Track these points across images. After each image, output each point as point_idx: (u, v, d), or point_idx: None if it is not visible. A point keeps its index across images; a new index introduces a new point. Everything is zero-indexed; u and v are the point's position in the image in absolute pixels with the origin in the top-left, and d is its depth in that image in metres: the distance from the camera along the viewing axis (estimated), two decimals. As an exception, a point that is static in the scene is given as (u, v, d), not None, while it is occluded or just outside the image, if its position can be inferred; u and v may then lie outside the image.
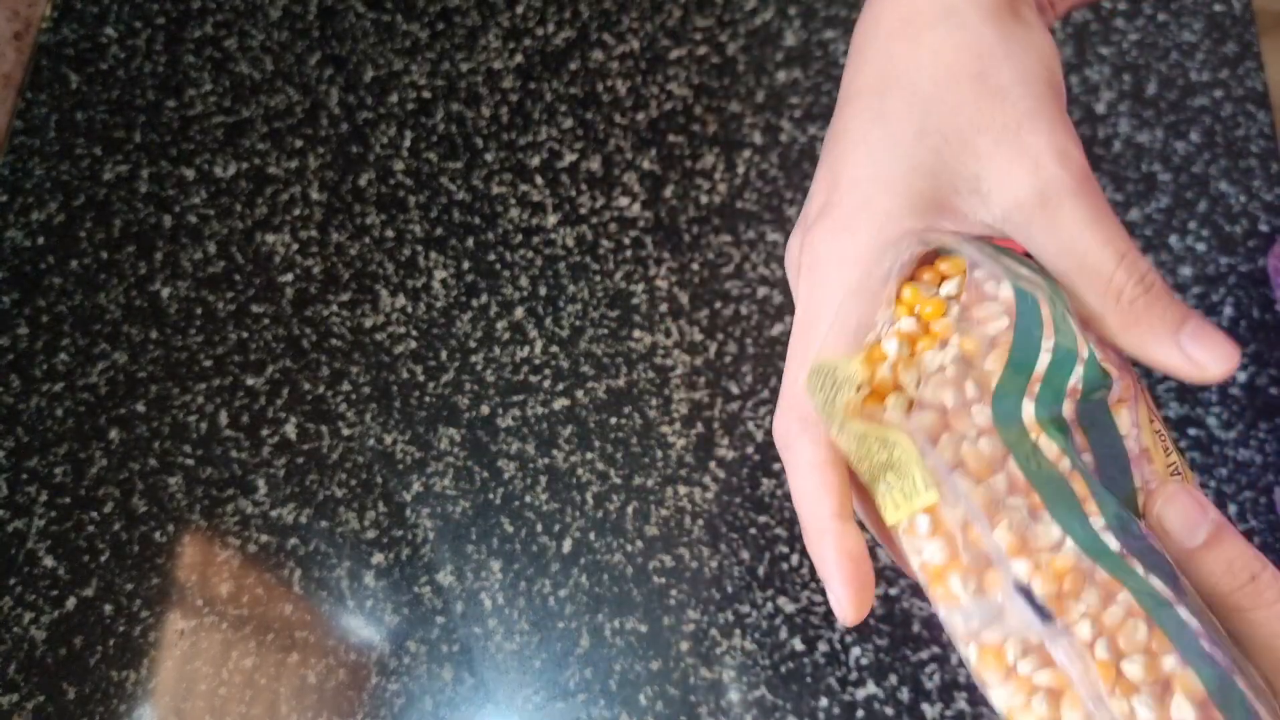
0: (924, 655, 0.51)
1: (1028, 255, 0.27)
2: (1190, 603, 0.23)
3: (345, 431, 0.56)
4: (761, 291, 0.58)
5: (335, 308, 0.59)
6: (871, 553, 0.40)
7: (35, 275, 0.60)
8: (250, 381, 0.57)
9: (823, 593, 0.52)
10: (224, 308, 0.59)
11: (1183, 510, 0.24)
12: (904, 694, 0.50)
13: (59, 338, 0.58)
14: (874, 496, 0.26)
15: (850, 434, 0.26)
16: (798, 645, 0.51)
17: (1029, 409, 0.25)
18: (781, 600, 0.52)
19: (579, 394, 0.56)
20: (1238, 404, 0.55)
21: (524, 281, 0.59)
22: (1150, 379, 0.55)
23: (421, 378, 0.57)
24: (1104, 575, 0.23)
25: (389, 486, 0.55)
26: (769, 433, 0.55)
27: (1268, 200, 0.59)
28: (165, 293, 0.59)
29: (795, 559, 0.53)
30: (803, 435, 0.27)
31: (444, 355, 0.57)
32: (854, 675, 0.51)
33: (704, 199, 0.60)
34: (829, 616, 0.52)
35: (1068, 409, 0.25)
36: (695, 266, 0.58)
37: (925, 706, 0.50)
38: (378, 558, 0.53)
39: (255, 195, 0.61)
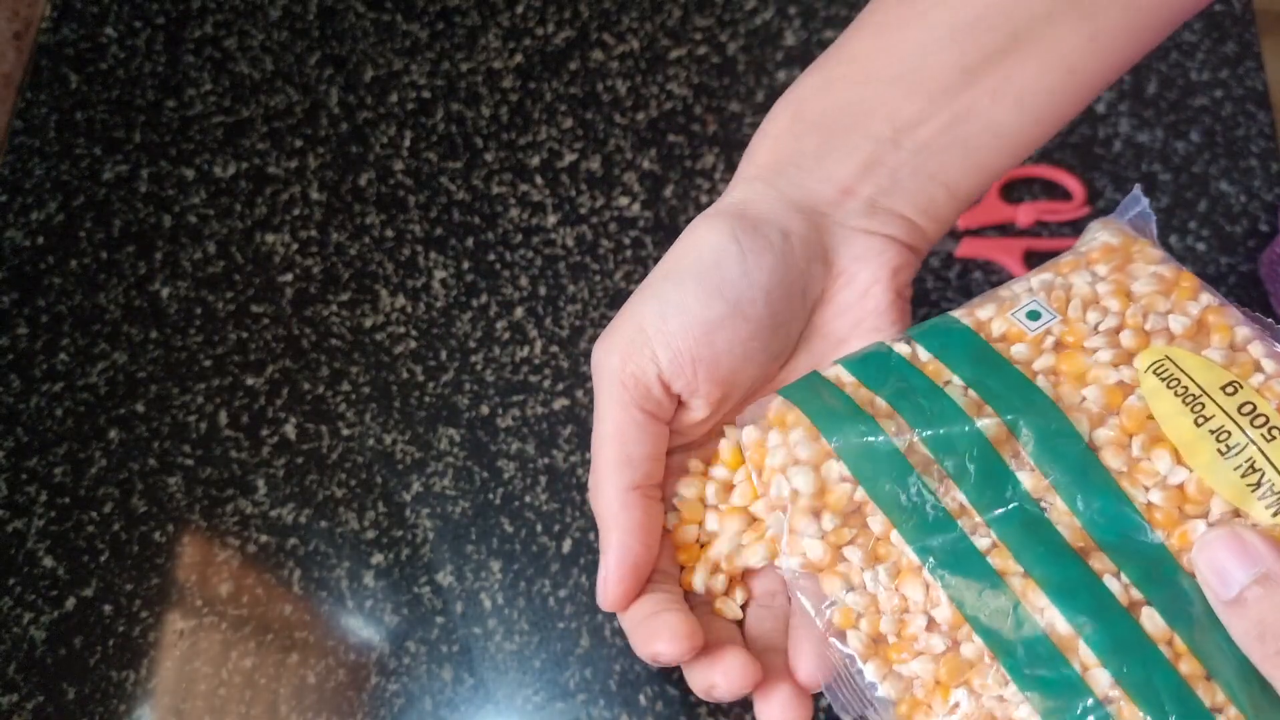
0: (924, 655, 0.50)
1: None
2: None
3: (345, 431, 0.56)
4: (761, 291, 0.57)
5: (335, 308, 0.59)
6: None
7: (35, 275, 0.60)
8: (250, 381, 0.57)
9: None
10: (224, 308, 0.59)
11: (1216, 558, 0.23)
12: (904, 694, 0.50)
13: (59, 338, 0.58)
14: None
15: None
16: (798, 645, 0.51)
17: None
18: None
19: (579, 394, 0.56)
20: (1238, 404, 0.54)
21: (524, 281, 0.59)
22: None
23: (421, 378, 0.57)
24: None
25: (389, 486, 0.55)
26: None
27: (1268, 200, 0.59)
28: (165, 293, 0.59)
29: (795, 559, 0.53)
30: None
31: (444, 355, 0.57)
32: (854, 675, 0.50)
33: (704, 199, 0.60)
34: (829, 616, 0.52)
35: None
36: (695, 266, 0.58)
37: (925, 706, 0.50)
38: (377, 558, 0.53)
39: (255, 195, 0.61)
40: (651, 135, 0.62)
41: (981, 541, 0.25)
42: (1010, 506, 0.25)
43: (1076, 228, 0.58)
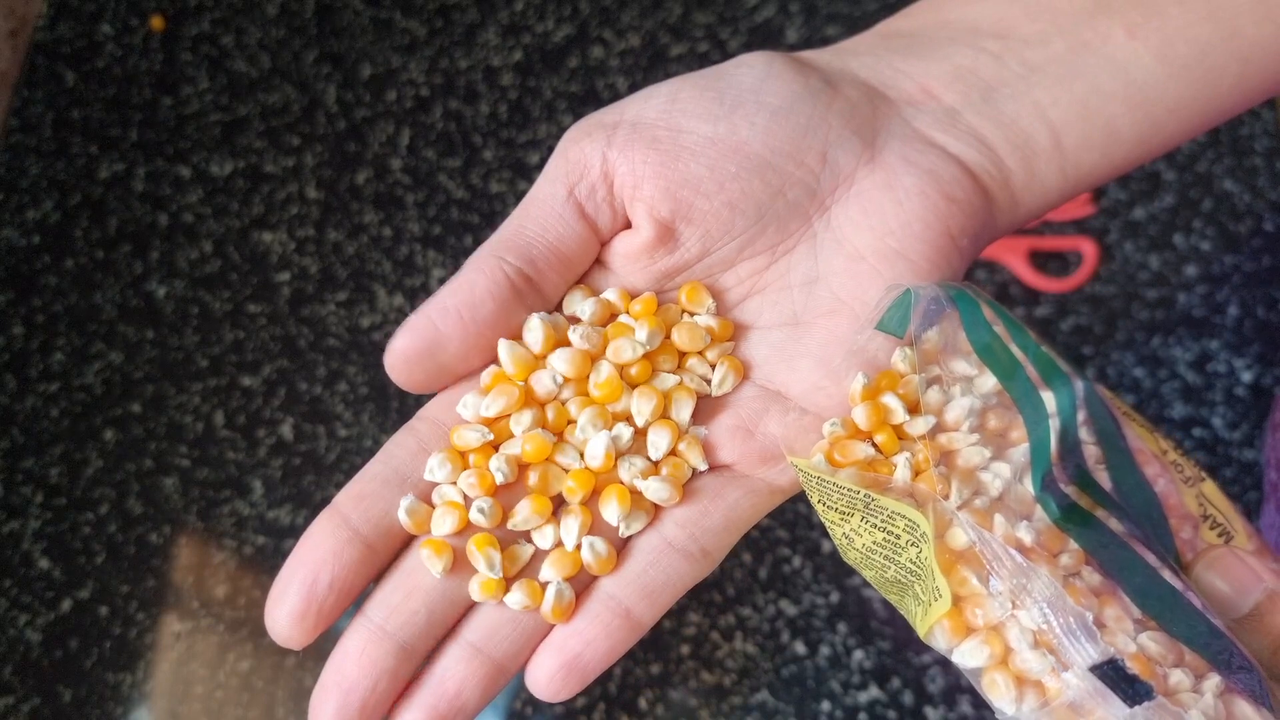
0: (927, 659, 0.50)
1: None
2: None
3: (342, 432, 0.55)
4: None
5: (332, 307, 0.58)
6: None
7: (31, 274, 0.59)
8: (247, 381, 0.57)
9: (825, 594, 0.52)
10: (220, 307, 0.58)
11: (1230, 574, 0.23)
12: (907, 697, 0.50)
13: (54, 337, 0.58)
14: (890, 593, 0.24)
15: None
16: (800, 648, 0.51)
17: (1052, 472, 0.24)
18: (784, 603, 0.52)
19: (578, 394, 0.56)
20: (1243, 404, 0.54)
21: (523, 281, 0.58)
22: (1154, 384, 0.55)
23: (420, 378, 0.57)
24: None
25: (387, 487, 0.54)
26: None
27: (1272, 199, 0.58)
28: (161, 292, 0.59)
29: (797, 561, 0.52)
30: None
31: (442, 355, 0.57)
32: (856, 678, 0.50)
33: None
34: (831, 619, 0.51)
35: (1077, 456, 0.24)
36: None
37: (928, 710, 0.49)
38: (376, 559, 0.53)
39: (252, 193, 0.61)
40: (652, 133, 0.61)
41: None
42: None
43: (1080, 226, 0.58)
